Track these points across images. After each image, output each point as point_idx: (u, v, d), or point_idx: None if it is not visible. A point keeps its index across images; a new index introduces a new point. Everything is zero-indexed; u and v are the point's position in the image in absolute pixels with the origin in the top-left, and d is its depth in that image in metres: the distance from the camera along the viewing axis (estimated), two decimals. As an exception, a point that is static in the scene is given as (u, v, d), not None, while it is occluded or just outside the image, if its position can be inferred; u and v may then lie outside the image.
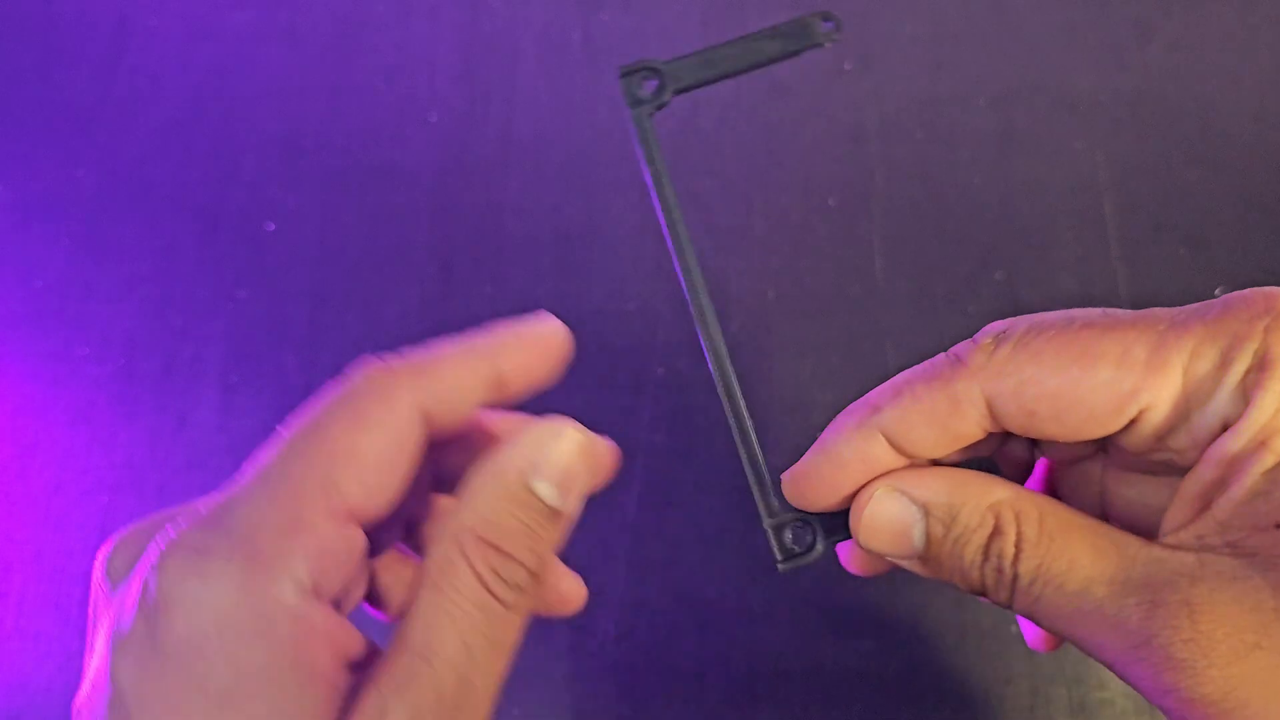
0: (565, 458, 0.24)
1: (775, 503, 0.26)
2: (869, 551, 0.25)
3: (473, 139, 0.51)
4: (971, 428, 0.23)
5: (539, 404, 0.29)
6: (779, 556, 0.25)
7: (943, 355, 0.23)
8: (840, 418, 0.25)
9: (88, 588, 0.46)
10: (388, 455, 0.24)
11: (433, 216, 0.50)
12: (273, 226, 0.50)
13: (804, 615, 0.44)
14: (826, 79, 0.52)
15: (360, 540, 0.24)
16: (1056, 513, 0.23)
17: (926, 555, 0.24)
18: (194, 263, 0.49)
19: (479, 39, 0.53)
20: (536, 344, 0.27)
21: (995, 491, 0.23)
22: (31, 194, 0.51)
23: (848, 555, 0.28)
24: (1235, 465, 0.21)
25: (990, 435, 0.24)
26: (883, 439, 0.24)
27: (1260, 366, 0.21)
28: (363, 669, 0.23)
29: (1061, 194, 0.50)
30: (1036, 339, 0.22)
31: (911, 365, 0.25)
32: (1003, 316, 0.26)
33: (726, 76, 0.27)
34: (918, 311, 0.48)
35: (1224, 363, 0.21)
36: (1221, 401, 0.21)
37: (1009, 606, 0.23)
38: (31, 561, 0.45)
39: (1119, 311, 0.22)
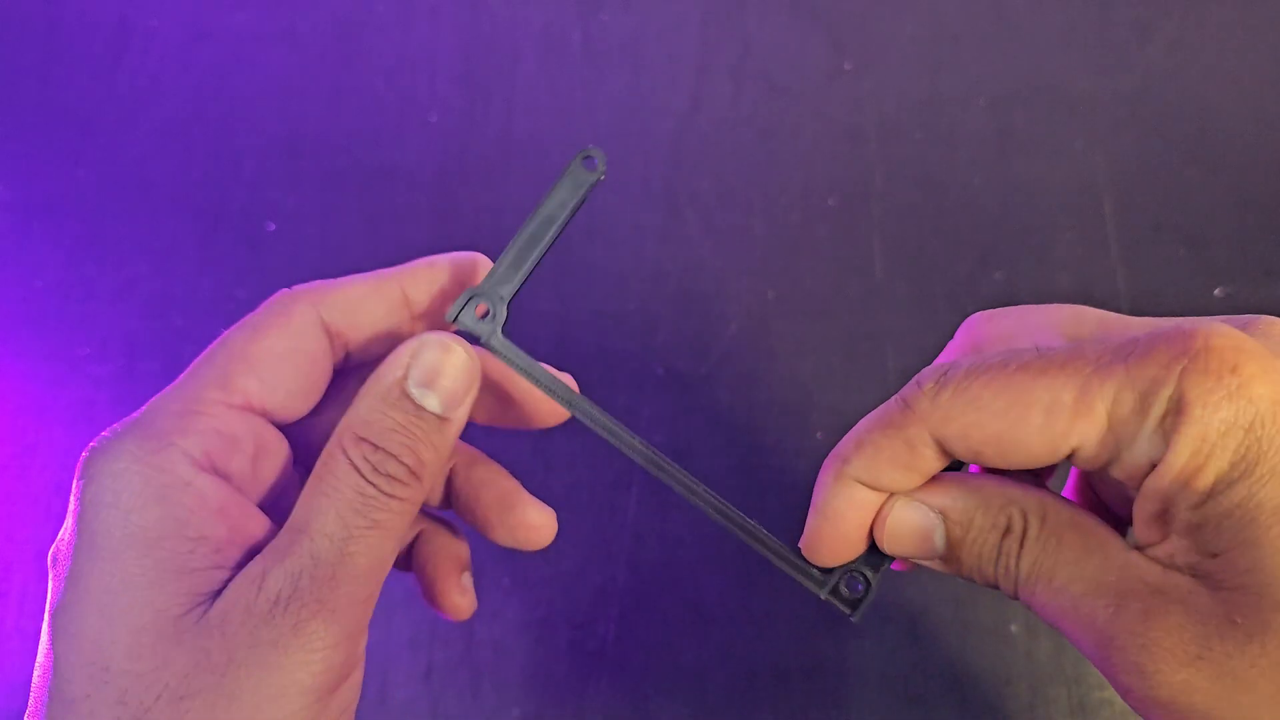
0: (432, 361, 0.26)
1: (815, 572, 0.27)
2: (897, 556, 0.27)
3: (473, 139, 0.51)
4: (931, 463, 0.25)
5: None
6: (848, 611, 0.27)
7: (893, 400, 0.25)
8: (820, 476, 0.27)
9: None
10: (285, 355, 0.27)
11: (433, 216, 0.50)
12: (273, 227, 0.50)
13: (804, 615, 0.44)
14: (826, 80, 0.52)
15: (268, 432, 0.27)
16: (1059, 512, 0.24)
17: (948, 555, 0.26)
18: (195, 263, 0.50)
19: (479, 40, 0.53)
20: (443, 269, 0.29)
21: (1007, 492, 0.25)
22: (32, 194, 0.51)
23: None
24: (1167, 502, 0.22)
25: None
26: (860, 485, 0.26)
27: (1176, 410, 0.22)
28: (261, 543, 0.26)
29: (1061, 194, 0.50)
30: (974, 384, 0.23)
31: (911, 365, 0.26)
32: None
33: (542, 256, 0.29)
34: (917, 311, 0.48)
35: (1142, 407, 0.22)
36: (1144, 443, 0.22)
37: (1015, 598, 0.25)
38: (32, 561, 0.45)
39: (1052, 351, 0.23)
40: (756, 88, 0.52)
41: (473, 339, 0.28)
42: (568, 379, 0.30)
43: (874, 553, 0.27)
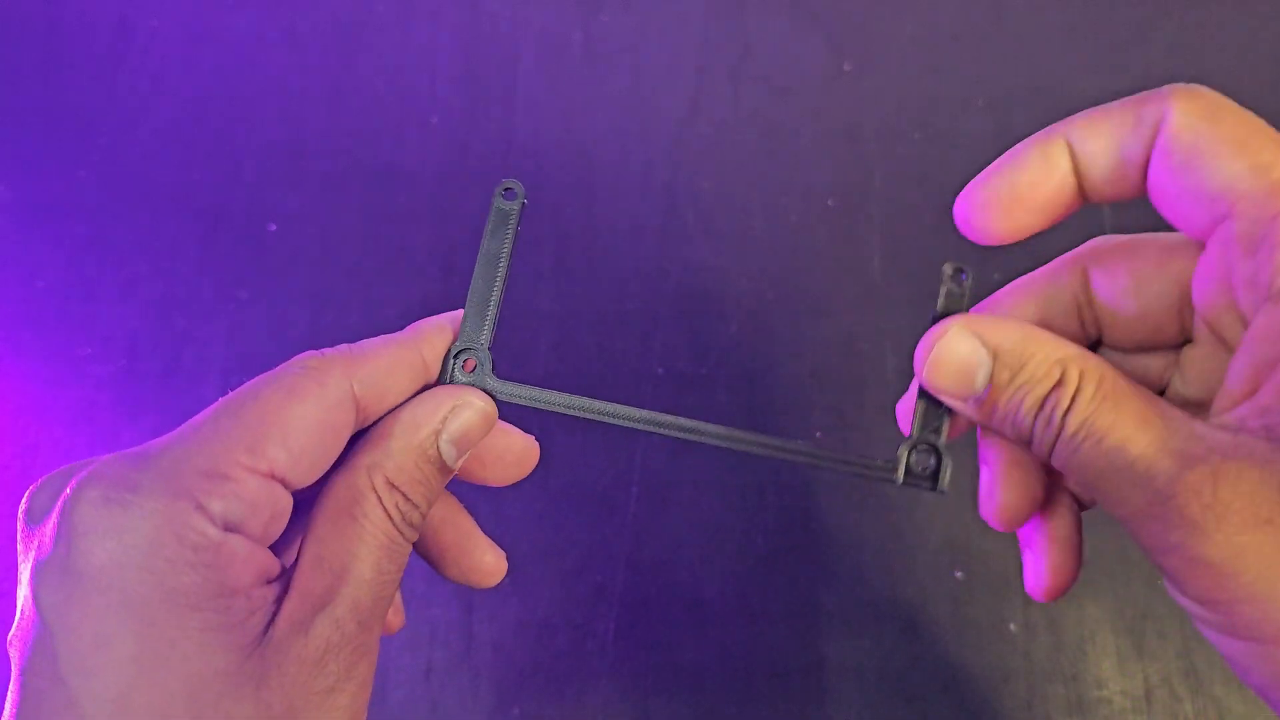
0: (469, 424, 0.27)
1: (880, 463, 0.27)
2: (930, 388, 0.26)
3: (473, 140, 0.52)
4: (1138, 154, 0.26)
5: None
6: (931, 486, 0.27)
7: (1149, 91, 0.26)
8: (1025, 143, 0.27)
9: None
10: (315, 428, 0.26)
11: (434, 217, 0.50)
12: (274, 227, 0.50)
13: (804, 615, 0.44)
14: (825, 81, 0.52)
15: (283, 499, 0.26)
16: (1116, 379, 0.24)
17: (985, 399, 0.26)
18: (196, 263, 0.50)
19: (480, 41, 0.53)
20: (449, 329, 0.30)
21: (1065, 348, 0.25)
22: (34, 195, 0.51)
23: (989, 509, 0.29)
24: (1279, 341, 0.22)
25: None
26: (1065, 147, 0.26)
27: None
28: (278, 581, 0.26)
29: (1060, 194, 0.50)
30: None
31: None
32: (1000, 317, 0.27)
33: (501, 295, 0.30)
34: (916, 312, 0.48)
35: None
36: None
37: (1047, 460, 0.25)
38: (34, 561, 0.45)
39: None
40: (756, 89, 0.52)
41: (477, 383, 0.29)
42: (531, 441, 0.31)
43: (928, 418, 0.27)
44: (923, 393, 0.27)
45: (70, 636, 0.23)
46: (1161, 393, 0.29)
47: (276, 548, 0.27)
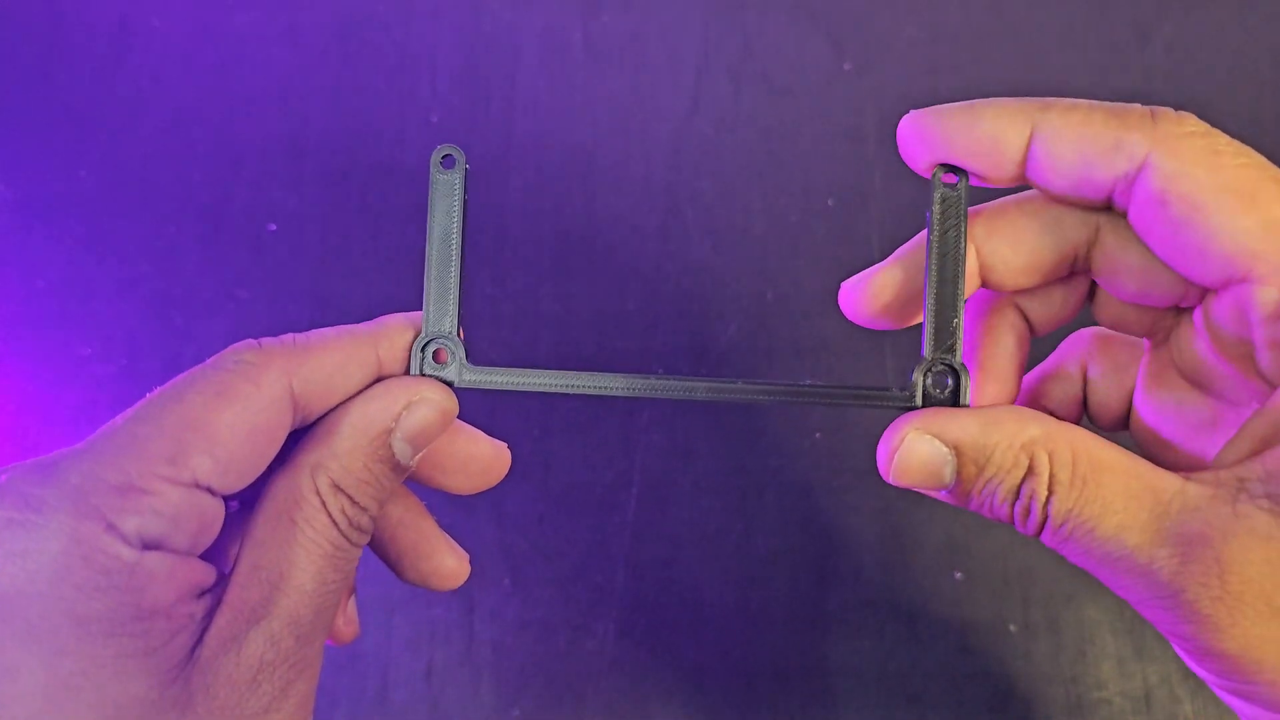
0: (424, 420, 0.25)
1: (895, 391, 0.26)
2: (900, 485, 0.25)
3: (474, 140, 0.52)
4: (1119, 163, 0.24)
5: (547, 406, 0.29)
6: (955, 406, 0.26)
7: (1139, 107, 0.24)
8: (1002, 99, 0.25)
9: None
10: (246, 433, 0.24)
11: (433, 217, 0.50)
12: (274, 227, 0.50)
13: (804, 615, 0.44)
14: (826, 80, 0.52)
15: (212, 506, 0.24)
16: (1090, 452, 0.23)
17: (957, 491, 0.24)
18: (196, 263, 0.50)
19: (480, 40, 0.53)
20: (412, 327, 0.27)
21: (1028, 429, 0.23)
22: (34, 194, 0.51)
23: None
24: None
25: (1074, 277, 0.26)
26: (1028, 133, 0.25)
27: None
28: (212, 592, 0.24)
29: (1060, 195, 0.50)
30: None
31: (910, 365, 0.26)
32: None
33: (461, 274, 0.27)
34: (917, 312, 0.48)
35: None
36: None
37: (1036, 538, 0.24)
38: (34, 561, 0.45)
39: None
40: (756, 88, 0.52)
41: (446, 383, 0.27)
42: (501, 448, 0.29)
43: (939, 335, 0.26)
44: (930, 309, 0.26)
45: None
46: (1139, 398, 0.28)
47: (213, 553, 0.25)
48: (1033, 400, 0.30)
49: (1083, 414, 0.30)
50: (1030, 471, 0.23)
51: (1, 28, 0.54)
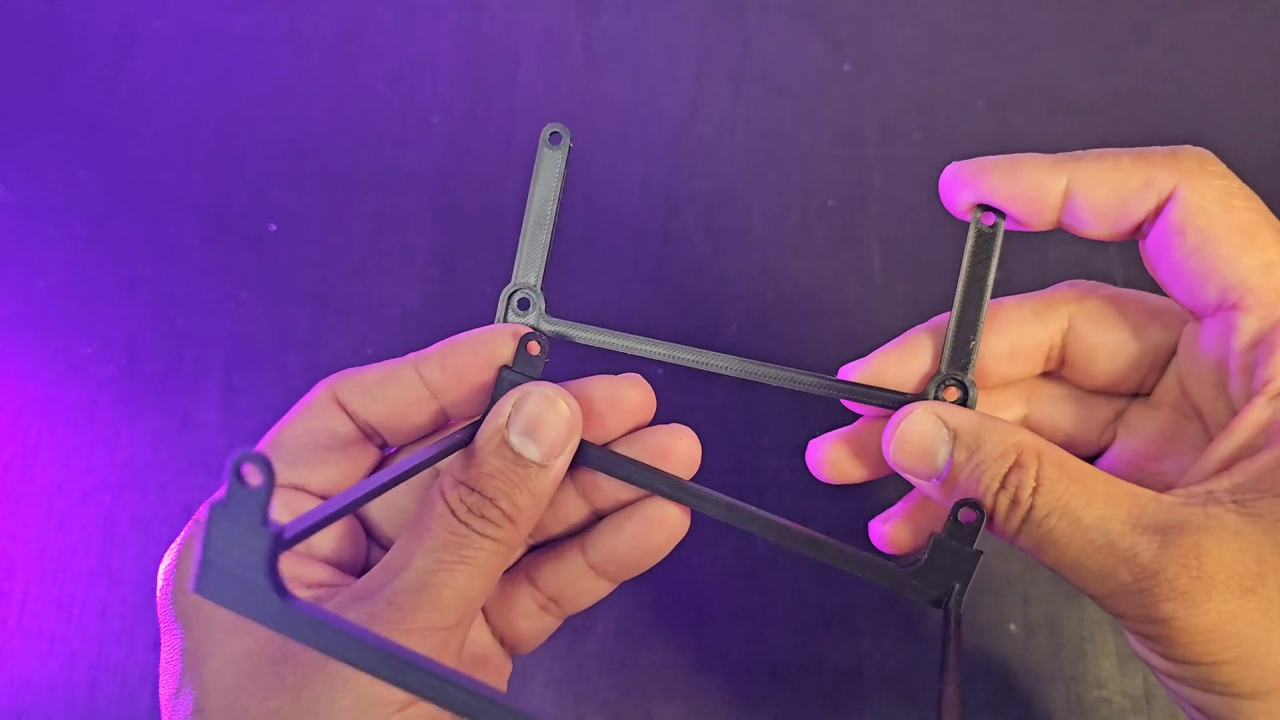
0: (533, 411, 0.28)
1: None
2: (895, 466, 0.28)
3: (474, 141, 0.52)
4: (1149, 199, 0.27)
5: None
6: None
7: (1160, 148, 0.27)
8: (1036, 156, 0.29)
9: (90, 587, 0.46)
10: (302, 437, 0.29)
11: (434, 218, 0.50)
12: (275, 228, 0.50)
13: (803, 615, 0.44)
14: (825, 81, 0.52)
15: (302, 505, 0.28)
16: (1073, 460, 0.26)
17: (946, 482, 0.27)
18: (197, 264, 0.50)
19: (481, 42, 0.53)
20: (474, 349, 0.30)
21: (1022, 434, 0.26)
22: (35, 195, 0.51)
23: (818, 461, 0.33)
24: (1266, 434, 0.24)
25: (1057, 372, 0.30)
26: (1065, 182, 0.28)
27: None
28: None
29: (1060, 195, 0.50)
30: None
31: None
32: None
33: (551, 238, 0.31)
34: (916, 312, 0.48)
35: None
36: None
37: (1013, 538, 0.26)
38: (34, 561, 0.45)
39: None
40: (756, 89, 0.52)
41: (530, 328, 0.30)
42: (635, 377, 0.32)
43: (956, 353, 0.29)
44: (952, 330, 0.29)
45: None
46: (1102, 452, 0.31)
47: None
48: None
49: None
50: (1018, 465, 0.26)
51: (3, 29, 0.54)
